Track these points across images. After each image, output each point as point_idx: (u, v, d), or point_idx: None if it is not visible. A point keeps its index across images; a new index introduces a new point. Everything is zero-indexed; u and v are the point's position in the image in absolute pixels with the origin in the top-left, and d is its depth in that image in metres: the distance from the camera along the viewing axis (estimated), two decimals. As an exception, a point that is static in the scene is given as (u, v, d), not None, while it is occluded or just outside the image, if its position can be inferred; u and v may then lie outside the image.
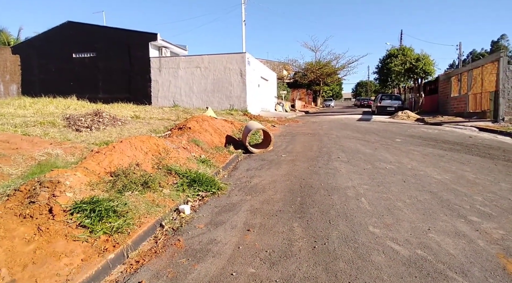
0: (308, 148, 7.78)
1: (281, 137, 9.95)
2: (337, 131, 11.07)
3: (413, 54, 24.26)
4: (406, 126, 13.36)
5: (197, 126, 7.78)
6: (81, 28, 19.15)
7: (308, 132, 11.06)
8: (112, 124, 8.27)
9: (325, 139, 9.08)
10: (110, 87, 18.77)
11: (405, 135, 9.99)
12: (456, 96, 19.59)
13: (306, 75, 43.25)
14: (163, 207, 3.46)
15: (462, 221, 3.18)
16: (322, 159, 6.32)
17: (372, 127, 12.74)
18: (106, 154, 4.24)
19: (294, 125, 13.99)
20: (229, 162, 6.21)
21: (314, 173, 5.23)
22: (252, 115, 15.22)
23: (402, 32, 34.43)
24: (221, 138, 8.00)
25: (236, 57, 16.86)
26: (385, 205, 3.64)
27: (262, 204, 3.77)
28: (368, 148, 7.62)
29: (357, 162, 5.97)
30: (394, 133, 10.67)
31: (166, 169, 4.51)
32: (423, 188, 4.28)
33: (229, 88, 17.07)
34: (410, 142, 8.67)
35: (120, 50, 18.41)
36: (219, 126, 8.90)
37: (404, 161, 6.11)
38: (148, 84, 18.25)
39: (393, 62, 25.26)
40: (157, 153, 4.94)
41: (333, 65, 44.20)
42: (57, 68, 19.57)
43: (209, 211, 3.61)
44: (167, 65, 17.89)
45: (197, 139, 6.70)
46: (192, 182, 4.30)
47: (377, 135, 10.09)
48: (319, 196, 3.99)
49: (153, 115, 12.18)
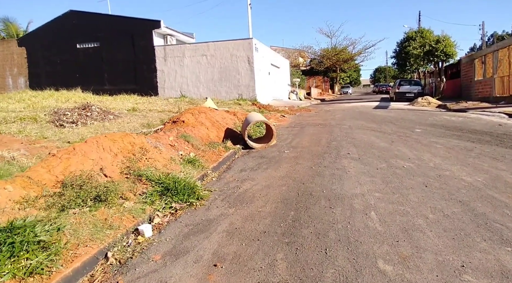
0: (315, 141, 6.94)
1: (289, 129, 9.12)
2: (351, 121, 10.11)
3: (432, 36, 22.49)
4: (426, 114, 12.18)
5: (191, 120, 7.06)
6: (84, 17, 18.60)
7: (319, 123, 10.16)
8: (102, 118, 7.68)
9: (336, 131, 8.19)
10: (116, 79, 18.29)
11: (426, 125, 8.94)
12: (480, 80, 18.01)
13: (322, 62, 41.93)
14: (116, 229, 2.77)
15: (509, 250, 2.33)
16: (329, 156, 5.48)
17: (389, 115, 11.67)
18: (62, 157, 3.58)
19: (306, 115, 13.06)
20: (223, 161, 5.48)
21: (318, 174, 4.43)
22: (261, 105, 14.38)
23: (420, 14, 32.34)
24: (219, 132, 7.26)
25: (243, 43, 15.90)
26: (401, 223, 2.81)
27: (245, 221, 3.03)
28: (383, 140, 6.70)
29: (370, 159, 5.10)
30: (414, 122, 9.62)
31: (137, 174, 3.83)
32: (450, 196, 3.41)
33: (236, 77, 16.21)
34: (432, 132, 7.66)
35: (124, 39, 17.81)
36: (219, 118, 8.15)
37: (425, 157, 5.19)
38: (153, 74, 17.63)
39: (411, 45, 23.58)
40: (130, 154, 4.25)
41: (349, 51, 42.67)
42: (62, 60, 19.24)
43: (176, 231, 2.90)
44: (172, 54, 17.16)
45: (187, 135, 5.99)
46: (165, 191, 3.59)
47: (394, 125, 9.08)
48: (318, 209, 3.21)
49: (155, 107, 11.57)
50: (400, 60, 34.05)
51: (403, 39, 32.99)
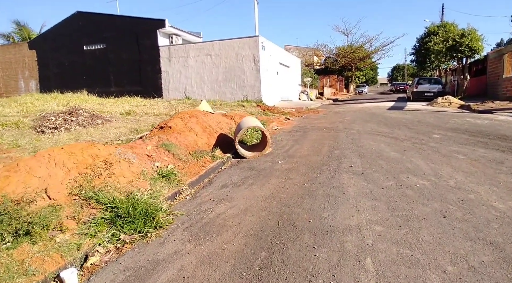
0: (316, 149, 6.17)
1: (290, 133, 8.37)
2: (360, 125, 9.24)
3: (456, 30, 20.99)
4: (447, 115, 11.09)
5: (180, 125, 6.44)
6: (91, 19, 18.47)
7: (325, 126, 9.34)
8: (88, 123, 7.20)
9: (341, 137, 7.37)
10: (121, 80, 18.04)
11: (446, 129, 7.96)
12: (509, 77, 16.54)
13: (336, 60, 40.81)
14: (32, 275, 2.15)
15: None
16: (328, 169, 4.72)
17: (404, 118, 10.67)
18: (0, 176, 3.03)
19: (313, 117, 12.24)
20: (205, 173, 4.82)
21: (309, 194, 3.69)
22: (266, 107, 13.65)
23: (443, 7, 30.51)
24: (210, 139, 6.61)
25: (249, 41, 15.17)
26: (407, 280, 2.05)
27: (201, 265, 2.35)
28: (394, 149, 5.85)
29: (375, 175, 4.30)
30: (432, 126, 8.64)
31: (88, 196, 3.21)
32: (476, 233, 2.60)
33: (242, 77, 15.52)
34: (453, 138, 6.71)
35: (129, 40, 17.52)
36: (213, 123, 7.51)
37: (443, 171, 4.34)
38: (158, 75, 17.23)
39: (433, 41, 22.15)
40: (89, 170, 3.66)
41: (366, 49, 41.30)
42: (70, 62, 19.23)
43: (109, 279, 2.25)
44: (176, 54, 16.67)
45: (169, 143, 5.37)
46: (116, 218, 2.96)
47: (409, 129, 8.15)
48: (298, 249, 2.48)
49: (153, 110, 11.09)
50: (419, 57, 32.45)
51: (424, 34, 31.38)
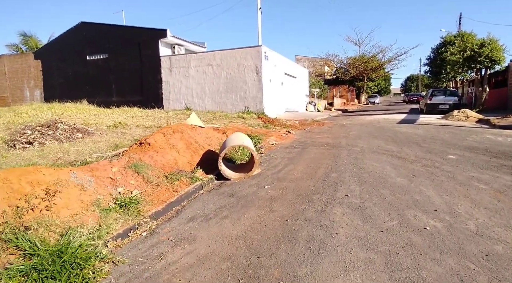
0: (311, 171, 5.43)
1: (288, 149, 7.65)
2: (366, 141, 8.43)
3: (475, 39, 19.98)
4: (464, 131, 10.13)
5: (160, 141, 5.83)
6: (94, 29, 18.44)
7: (327, 142, 8.57)
8: (67, 137, 6.68)
9: (342, 156, 6.61)
10: (122, 90, 17.79)
11: (463, 148, 7.07)
12: (533, 90, 15.42)
13: (348, 71, 40.24)
14: None
15: None
16: (319, 199, 3.98)
17: (415, 133, 9.79)
18: None
19: (316, 131, 11.48)
20: (177, 201, 4.15)
21: (289, 237, 2.96)
22: (267, 119, 12.99)
23: (461, 16, 29.42)
24: (195, 157, 5.97)
25: (251, 51, 14.63)
26: None
27: None
28: (401, 173, 5.05)
29: (375, 209, 3.54)
30: (446, 143, 7.76)
31: (7, 238, 2.58)
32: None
33: (243, 88, 14.94)
34: (471, 160, 5.85)
35: (131, 50, 17.30)
36: (201, 138, 6.88)
37: (461, 207, 3.54)
38: (159, 86, 16.87)
39: (449, 51, 21.15)
40: (22, 201, 3.04)
41: (378, 59, 40.59)
42: (73, 72, 19.19)
43: None
44: (177, 65, 16.30)
45: (141, 164, 4.74)
46: (32, 270, 2.31)
47: (420, 147, 7.31)
48: None
49: (147, 121, 10.58)
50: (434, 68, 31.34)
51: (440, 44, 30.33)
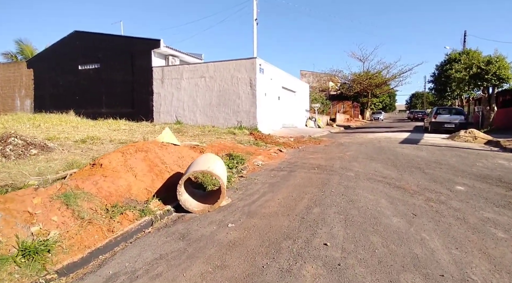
0: (291, 203, 4.52)
1: (273, 172, 6.76)
2: (362, 164, 7.51)
3: (481, 57, 19.22)
4: (472, 155, 9.15)
5: (116, 162, 4.98)
6: (87, 38, 17.99)
7: (319, 164, 7.66)
8: (18, 154, 5.88)
9: (332, 183, 5.69)
10: (113, 102, 17.14)
11: (473, 176, 6.12)
12: (545, 110, 14.46)
13: (352, 86, 39.88)
14: None
15: None
16: (290, 249, 3.07)
17: (418, 156, 8.84)
18: None
19: (310, 150, 10.57)
20: (108, 245, 3.26)
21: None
22: (259, 135, 12.14)
23: (466, 33, 28.81)
24: (156, 182, 5.11)
25: (245, 63, 13.94)
26: None
27: None
28: (399, 211, 4.12)
29: (359, 271, 2.61)
30: (453, 170, 6.80)
31: None
32: None
33: (236, 102, 14.17)
34: (484, 193, 4.90)
35: (123, 60, 16.76)
36: (171, 159, 6.02)
37: (476, 272, 2.61)
38: (150, 97, 16.20)
39: (454, 68, 20.38)
40: None
41: (383, 75, 40.24)
42: (64, 82, 18.65)
43: None
44: (170, 76, 15.66)
45: (75, 193, 3.88)
46: None
47: (423, 174, 6.37)
48: None
49: (125, 136, 9.80)
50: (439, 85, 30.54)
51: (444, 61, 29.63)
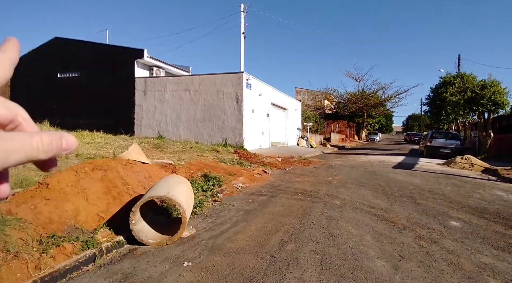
0: (264, 236, 3.94)
1: (251, 197, 6.17)
2: (350, 191, 6.95)
3: (475, 81, 19.11)
4: (469, 184, 8.61)
5: (66, 183, 4.38)
6: (68, 45, 17.41)
7: (303, 189, 7.09)
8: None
9: (314, 213, 5.11)
10: (93, 113, 16.44)
11: (469, 210, 5.56)
12: (543, 137, 14.10)
13: (347, 106, 39.86)
14: None
15: None
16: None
17: (411, 183, 8.30)
18: None
19: (297, 172, 10.00)
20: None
21: None
22: (245, 153, 11.61)
23: (460, 57, 28.96)
24: (113, 206, 4.51)
25: (232, 78, 13.58)
26: None
27: None
28: (384, 251, 3.53)
29: None
30: (448, 201, 6.25)
31: None
32: None
33: (221, 117, 13.72)
34: (481, 231, 4.33)
35: (105, 69, 16.22)
36: (137, 179, 5.45)
37: None
38: (132, 109, 15.62)
39: (449, 91, 20.25)
40: None
41: (378, 96, 40.34)
42: (42, 90, 17.83)
43: None
44: (153, 88, 15.18)
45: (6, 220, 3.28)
46: None
47: (415, 205, 5.81)
48: None
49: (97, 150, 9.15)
50: (434, 108, 30.49)
51: (439, 84, 29.68)
